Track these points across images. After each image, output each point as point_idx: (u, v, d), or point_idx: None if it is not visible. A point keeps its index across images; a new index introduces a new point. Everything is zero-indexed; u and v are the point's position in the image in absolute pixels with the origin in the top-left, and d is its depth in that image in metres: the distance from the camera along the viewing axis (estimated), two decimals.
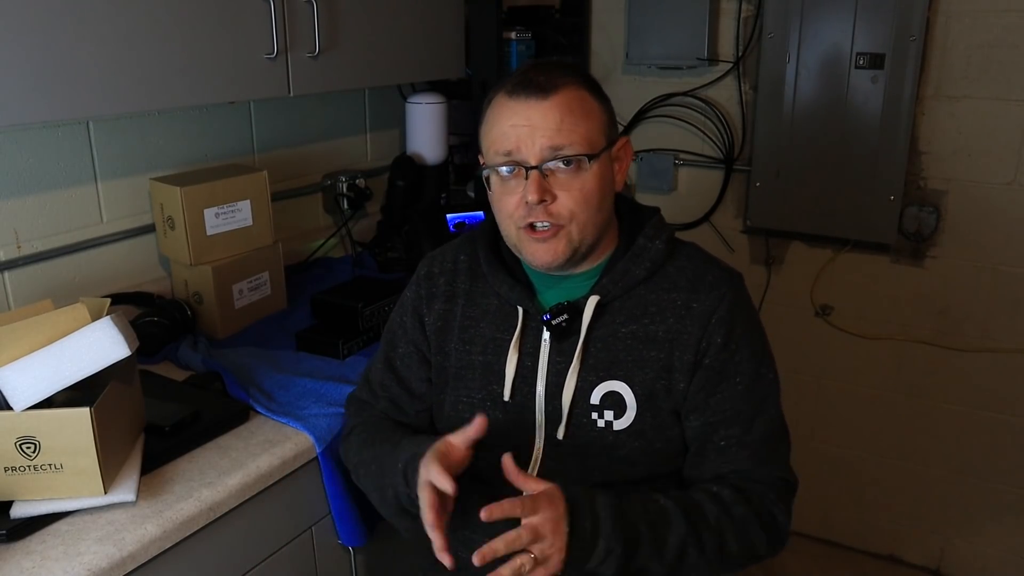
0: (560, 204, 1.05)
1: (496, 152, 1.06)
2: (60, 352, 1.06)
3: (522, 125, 1.04)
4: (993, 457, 2.18)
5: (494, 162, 1.07)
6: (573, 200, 1.04)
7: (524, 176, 1.04)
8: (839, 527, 2.43)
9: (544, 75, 1.05)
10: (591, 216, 1.06)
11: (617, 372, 1.09)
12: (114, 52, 1.26)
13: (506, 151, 1.05)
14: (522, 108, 1.04)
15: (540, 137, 1.03)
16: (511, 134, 1.04)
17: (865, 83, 2.01)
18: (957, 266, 2.09)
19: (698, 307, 1.08)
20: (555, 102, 1.03)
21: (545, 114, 1.03)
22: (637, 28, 2.28)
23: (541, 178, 1.04)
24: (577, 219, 1.05)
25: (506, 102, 1.06)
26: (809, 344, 2.32)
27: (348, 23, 1.65)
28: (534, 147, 1.03)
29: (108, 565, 0.99)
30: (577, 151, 1.03)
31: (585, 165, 1.04)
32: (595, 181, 1.05)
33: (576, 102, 1.04)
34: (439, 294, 1.20)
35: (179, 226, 1.57)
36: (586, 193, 1.05)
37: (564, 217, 1.05)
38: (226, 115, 1.80)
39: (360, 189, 2.06)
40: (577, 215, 1.05)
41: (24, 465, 1.04)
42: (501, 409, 1.13)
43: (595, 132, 1.06)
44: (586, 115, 1.05)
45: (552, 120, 1.03)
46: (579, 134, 1.03)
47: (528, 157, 1.04)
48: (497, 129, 1.06)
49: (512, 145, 1.04)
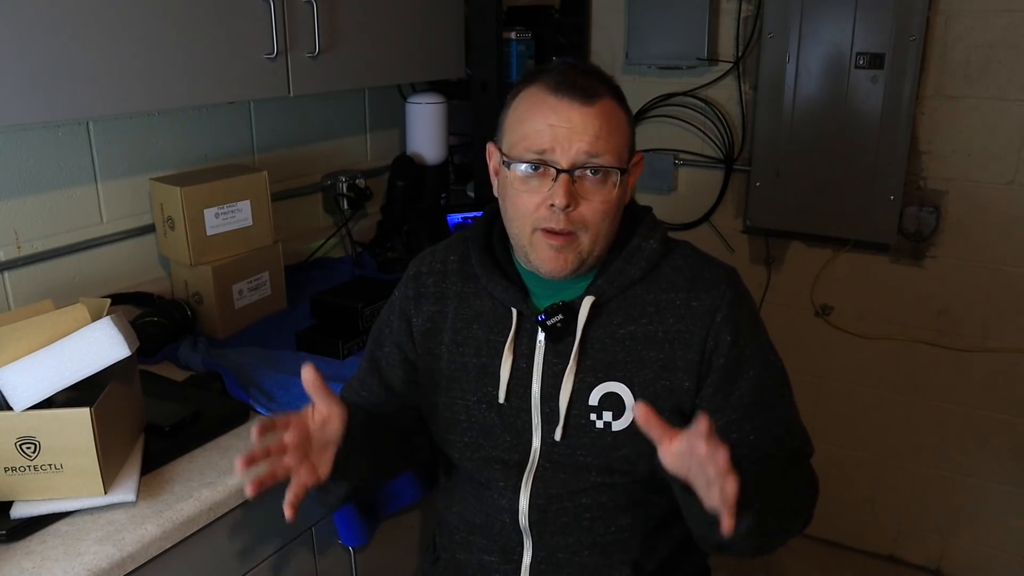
0: (581, 212, 1.04)
1: (527, 148, 1.04)
2: (60, 352, 1.06)
3: (562, 126, 1.02)
4: (993, 457, 2.18)
5: (522, 157, 1.04)
6: (594, 210, 1.04)
7: (552, 178, 1.02)
8: (839, 527, 2.43)
9: (586, 79, 1.03)
10: (606, 228, 1.06)
11: (616, 373, 1.08)
12: (114, 52, 1.26)
13: (539, 149, 1.03)
14: (564, 109, 1.02)
15: (578, 141, 1.01)
16: (548, 133, 1.02)
17: (865, 83, 2.01)
18: (957, 266, 2.09)
19: (698, 305, 1.08)
20: (599, 110, 1.02)
21: (587, 120, 1.01)
22: (637, 28, 2.28)
23: (571, 183, 1.03)
24: (592, 230, 1.05)
25: (546, 99, 1.03)
26: (809, 344, 2.32)
27: (348, 23, 1.65)
28: (571, 150, 1.01)
29: (108, 565, 0.99)
30: (610, 162, 1.03)
31: (615, 178, 1.04)
32: (617, 195, 1.05)
33: (613, 113, 1.04)
34: (428, 295, 1.19)
35: (179, 226, 1.57)
36: (607, 205, 1.04)
37: (581, 226, 1.04)
38: (226, 115, 1.80)
39: (360, 189, 2.06)
40: (594, 225, 1.05)
41: (24, 465, 1.04)
42: (496, 411, 1.13)
43: (623, 147, 1.05)
44: (619, 128, 1.05)
45: (593, 127, 1.02)
46: (613, 145, 1.03)
47: (561, 159, 1.02)
48: (531, 125, 1.04)
49: (547, 144, 1.02)
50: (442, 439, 1.20)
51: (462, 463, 1.18)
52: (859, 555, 2.42)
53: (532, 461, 1.12)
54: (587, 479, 1.10)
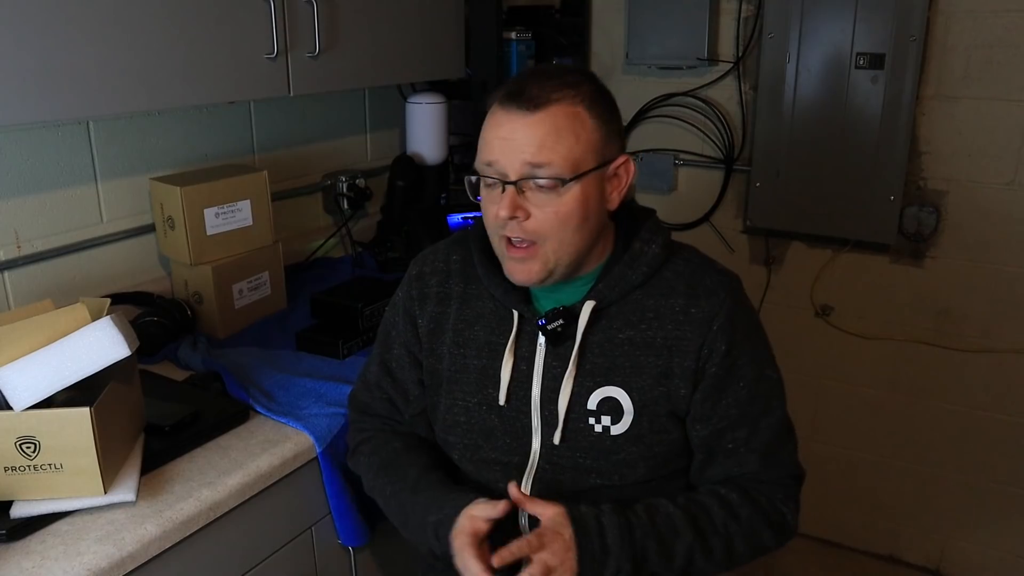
0: (534, 222, 1.03)
1: (481, 160, 1.05)
2: (60, 352, 1.06)
3: (505, 138, 1.02)
4: (993, 457, 2.18)
5: (480, 169, 1.06)
6: (547, 220, 1.02)
7: (501, 189, 1.03)
8: (839, 527, 2.43)
9: (539, 86, 1.01)
10: (568, 237, 1.04)
11: (614, 378, 1.08)
12: (114, 52, 1.26)
13: (488, 161, 1.04)
14: (507, 120, 1.02)
15: (520, 153, 1.00)
16: (495, 146, 1.03)
17: (865, 83, 2.01)
18: (957, 266, 2.09)
19: (697, 312, 1.07)
20: (541, 118, 1.00)
21: (530, 130, 1.00)
22: (637, 28, 2.28)
23: (516, 195, 1.02)
24: (551, 239, 1.03)
25: (496, 110, 1.04)
26: (809, 344, 2.32)
27: (348, 23, 1.65)
28: (515, 162, 1.01)
29: (108, 565, 0.99)
30: (554, 172, 1.00)
31: (570, 187, 1.02)
32: (574, 203, 1.02)
33: (565, 120, 1.00)
34: (431, 295, 1.19)
35: (179, 226, 1.57)
36: (561, 215, 1.02)
37: (538, 235, 1.03)
38: (226, 115, 1.80)
39: (360, 189, 2.06)
40: (551, 236, 1.03)
41: (24, 465, 1.04)
42: (496, 413, 1.13)
43: (581, 152, 1.01)
44: (574, 134, 1.01)
45: (534, 138, 1.00)
46: (560, 154, 1.00)
47: (508, 171, 1.02)
48: (484, 136, 1.05)
49: (495, 156, 1.03)
50: (442, 440, 1.20)
51: (462, 464, 1.18)
52: (859, 555, 2.42)
53: (532, 463, 1.12)
54: (586, 482, 1.10)
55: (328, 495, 1.32)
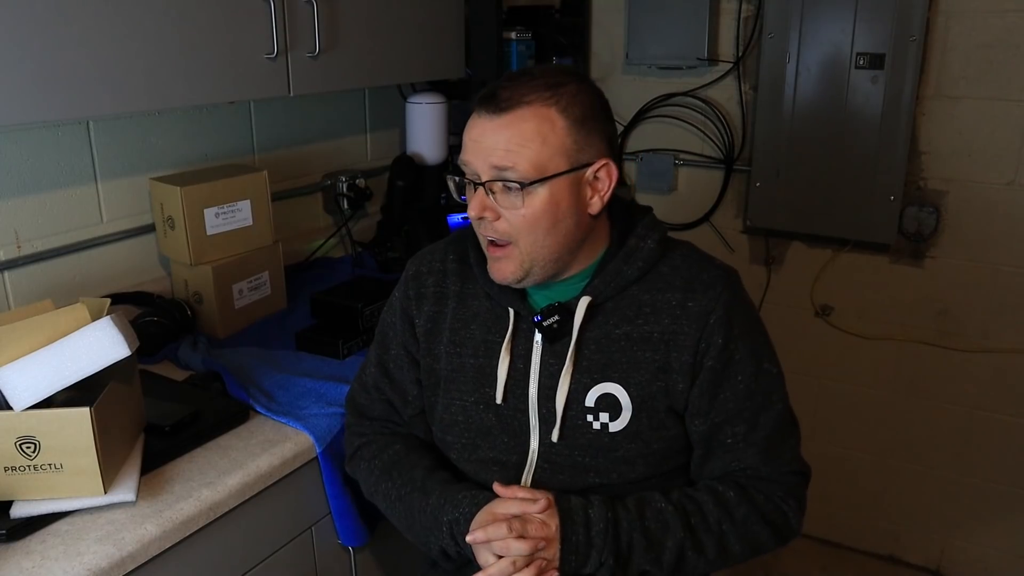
0: (504, 223, 1.04)
1: (460, 160, 1.07)
2: (60, 352, 1.06)
3: (475, 140, 1.04)
4: (993, 457, 2.18)
5: (462, 169, 1.08)
6: (516, 222, 1.04)
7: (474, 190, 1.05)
8: (839, 527, 2.43)
9: (511, 89, 1.02)
10: (539, 239, 1.04)
11: (612, 374, 1.08)
12: (114, 52, 1.26)
13: (463, 162, 1.06)
14: (479, 123, 1.04)
15: (488, 156, 1.02)
16: (468, 148, 1.05)
17: (865, 83, 2.01)
18: (957, 266, 2.09)
19: (694, 307, 1.07)
20: (507, 121, 1.01)
21: (496, 133, 1.02)
22: (637, 28, 2.28)
23: (485, 196, 1.04)
24: (523, 241, 1.04)
25: (473, 112, 1.06)
26: (809, 344, 2.32)
27: (348, 23, 1.65)
28: (483, 164, 1.03)
29: (108, 565, 0.99)
30: (518, 176, 1.01)
31: (536, 190, 1.02)
32: (542, 205, 1.02)
33: (533, 123, 1.00)
34: (428, 295, 1.19)
35: (179, 226, 1.57)
36: (528, 218, 1.03)
37: (510, 236, 1.05)
38: (226, 115, 1.80)
39: (360, 189, 2.06)
40: (521, 237, 1.04)
41: (24, 465, 1.04)
42: (494, 412, 1.13)
43: (549, 156, 1.01)
44: (540, 137, 1.00)
45: (500, 141, 1.01)
46: (525, 158, 1.00)
47: (480, 172, 1.04)
48: (463, 138, 1.07)
49: (467, 157, 1.05)
50: (440, 440, 1.20)
51: (460, 464, 1.18)
52: (859, 555, 2.42)
53: (530, 462, 1.12)
54: (585, 480, 1.10)
55: (328, 495, 1.32)
